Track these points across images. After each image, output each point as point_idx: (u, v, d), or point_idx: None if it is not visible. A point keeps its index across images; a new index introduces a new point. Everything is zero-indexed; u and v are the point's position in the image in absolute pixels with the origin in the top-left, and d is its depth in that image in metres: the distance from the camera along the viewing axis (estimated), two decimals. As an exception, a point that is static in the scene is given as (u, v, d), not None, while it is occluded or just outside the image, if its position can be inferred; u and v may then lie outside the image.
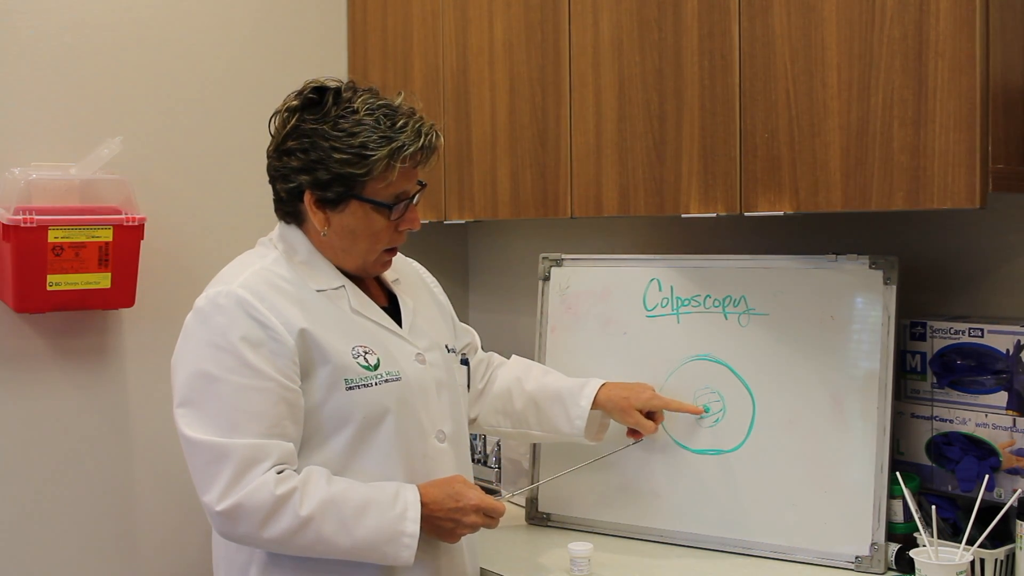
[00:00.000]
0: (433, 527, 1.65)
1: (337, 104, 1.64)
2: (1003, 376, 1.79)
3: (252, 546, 1.62)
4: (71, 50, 2.42)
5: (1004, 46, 1.60)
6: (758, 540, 1.92)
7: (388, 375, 1.66)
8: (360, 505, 1.58)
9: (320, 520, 1.55)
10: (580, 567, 1.83)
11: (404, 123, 1.63)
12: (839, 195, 1.70)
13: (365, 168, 1.61)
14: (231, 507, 1.53)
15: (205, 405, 1.58)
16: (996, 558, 1.71)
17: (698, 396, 2.03)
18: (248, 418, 1.56)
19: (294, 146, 1.64)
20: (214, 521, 1.58)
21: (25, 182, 2.26)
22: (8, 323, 2.34)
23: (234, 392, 1.56)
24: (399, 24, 2.65)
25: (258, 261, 1.68)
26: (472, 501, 1.66)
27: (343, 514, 1.57)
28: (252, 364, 1.57)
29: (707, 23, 1.87)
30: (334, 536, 1.56)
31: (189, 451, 1.59)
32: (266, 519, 1.54)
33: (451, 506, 1.65)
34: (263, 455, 1.55)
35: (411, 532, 1.59)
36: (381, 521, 1.58)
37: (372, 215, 1.66)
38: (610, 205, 2.08)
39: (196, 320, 1.63)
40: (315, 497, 1.55)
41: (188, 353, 1.62)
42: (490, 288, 3.03)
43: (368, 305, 1.72)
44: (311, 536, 1.55)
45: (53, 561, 2.40)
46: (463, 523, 1.65)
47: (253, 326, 1.58)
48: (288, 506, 1.54)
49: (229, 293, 1.61)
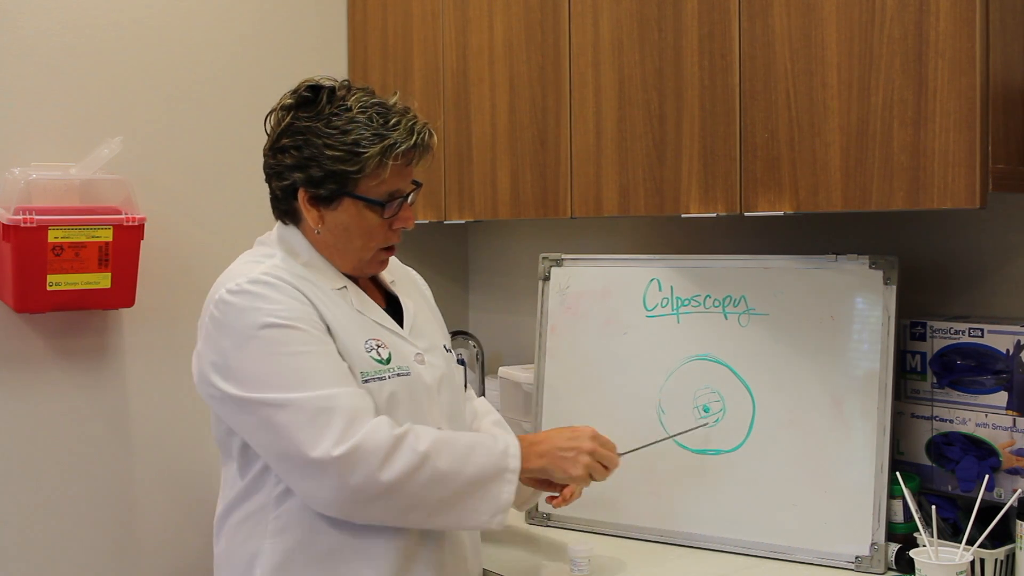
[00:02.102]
0: (556, 459, 1.70)
1: (331, 102, 1.65)
2: (1003, 376, 1.79)
3: (364, 497, 1.56)
4: (71, 50, 2.42)
5: (1004, 46, 1.60)
6: (758, 540, 1.92)
7: (399, 369, 1.68)
8: (469, 444, 1.63)
9: (436, 456, 1.58)
10: (580, 567, 1.83)
11: (397, 121, 1.64)
12: (839, 195, 1.70)
13: (358, 165, 1.62)
14: (350, 450, 1.53)
15: (283, 376, 1.56)
16: (996, 558, 1.71)
17: (698, 396, 2.03)
18: (331, 371, 1.58)
19: (288, 143, 1.65)
20: (327, 473, 1.53)
21: (25, 182, 2.26)
22: (8, 323, 2.34)
23: (303, 358, 1.57)
24: (399, 24, 2.65)
25: (267, 260, 1.68)
26: (587, 431, 1.74)
27: (456, 451, 1.61)
28: (306, 332, 1.59)
29: (707, 23, 1.87)
30: (449, 471, 1.59)
31: (277, 419, 1.55)
32: (386, 458, 1.54)
33: (568, 435, 1.73)
34: (364, 400, 1.58)
35: (514, 467, 1.64)
36: (488, 457, 1.63)
37: (365, 212, 1.66)
38: (610, 205, 2.08)
39: (229, 312, 1.60)
40: (429, 436, 1.59)
41: (236, 349, 1.59)
42: (490, 288, 3.03)
43: (370, 306, 1.73)
44: (428, 472, 1.57)
45: (54, 561, 2.40)
46: (582, 448, 1.71)
47: (289, 303, 1.60)
48: (405, 443, 1.56)
49: (255, 280, 1.61)
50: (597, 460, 1.72)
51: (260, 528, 1.65)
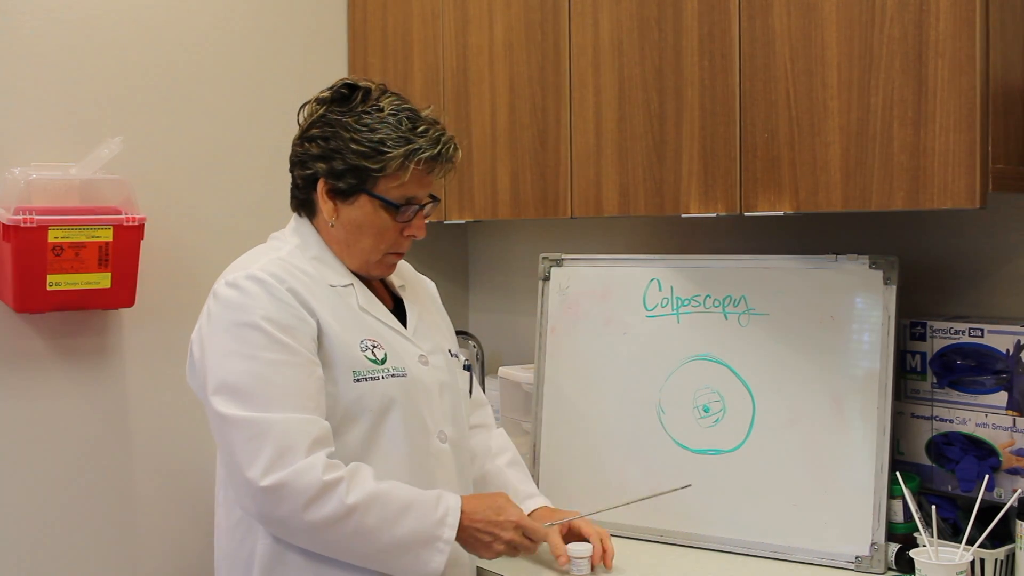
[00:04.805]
0: (471, 537, 1.65)
1: (365, 101, 1.69)
2: (1003, 376, 1.79)
3: (288, 530, 1.58)
4: (71, 50, 2.42)
5: (1004, 46, 1.60)
6: (758, 540, 1.92)
7: (395, 370, 1.68)
8: (404, 504, 1.58)
9: (364, 512, 1.55)
10: (580, 567, 1.82)
11: (425, 129, 1.68)
12: (839, 195, 1.70)
13: (380, 164, 1.65)
14: (276, 484, 1.52)
15: (239, 384, 1.57)
16: (996, 558, 1.71)
17: (698, 396, 2.03)
18: (283, 392, 1.56)
19: (316, 134, 1.69)
20: (256, 499, 1.55)
21: (25, 182, 2.26)
22: (8, 323, 2.34)
23: (266, 368, 1.57)
24: (399, 24, 2.65)
25: (273, 252, 1.71)
26: (512, 517, 1.68)
27: (387, 510, 1.57)
28: (280, 340, 1.58)
29: (707, 23, 1.87)
30: (375, 530, 1.56)
31: (226, 431, 1.57)
32: (310, 502, 1.53)
33: (491, 518, 1.66)
34: (302, 431, 1.55)
35: (447, 538, 1.60)
36: (422, 523, 1.59)
37: (379, 212, 1.68)
38: (610, 205, 2.08)
39: (218, 305, 1.64)
40: (362, 489, 1.56)
41: (216, 339, 1.62)
42: (490, 288, 3.03)
43: (375, 304, 1.74)
44: (352, 526, 1.55)
45: (54, 561, 2.40)
46: (501, 538, 1.66)
47: (276, 305, 1.60)
48: (335, 493, 1.53)
49: (249, 276, 1.63)
50: (513, 547, 1.68)
51: (254, 529, 1.66)
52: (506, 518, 1.67)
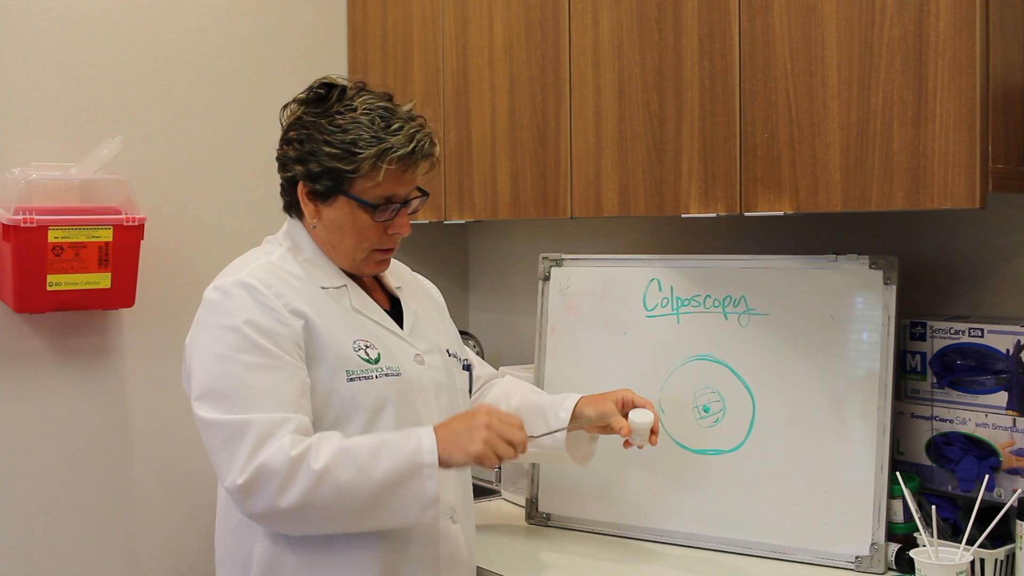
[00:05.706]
0: (452, 447, 1.58)
1: (339, 101, 1.68)
2: (1003, 376, 1.79)
3: (277, 522, 1.58)
4: (71, 50, 2.42)
5: (1004, 46, 1.60)
6: (758, 540, 1.92)
7: (389, 370, 1.68)
8: (373, 449, 1.56)
9: (336, 470, 1.53)
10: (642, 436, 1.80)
11: (399, 127, 1.65)
12: (839, 195, 1.70)
13: (353, 165, 1.63)
14: (249, 479, 1.52)
15: (220, 388, 1.57)
16: (996, 558, 1.71)
17: (698, 396, 2.03)
18: (263, 395, 1.56)
19: (293, 136, 1.69)
20: (237, 498, 1.55)
21: (25, 182, 2.26)
22: (8, 323, 2.34)
23: (247, 371, 1.57)
24: (399, 24, 2.65)
25: (264, 256, 1.71)
26: (483, 408, 1.64)
27: (358, 460, 1.55)
28: (262, 345, 1.58)
29: (707, 23, 1.87)
30: (353, 483, 1.53)
31: (207, 434, 1.58)
32: (283, 484, 1.52)
33: (463, 421, 1.62)
34: (280, 426, 1.54)
35: (430, 462, 1.56)
36: (397, 458, 1.56)
37: (358, 213, 1.68)
38: (610, 205, 2.08)
39: (205, 310, 1.65)
40: (328, 450, 1.54)
41: (200, 342, 1.63)
42: (490, 288, 3.03)
43: (369, 305, 1.74)
44: (330, 489, 1.53)
45: (54, 561, 2.40)
46: (477, 426, 1.59)
47: (260, 310, 1.60)
48: (303, 464, 1.52)
49: (236, 282, 1.63)
50: (496, 434, 1.60)
51: (252, 531, 1.66)
52: (478, 414, 1.62)
